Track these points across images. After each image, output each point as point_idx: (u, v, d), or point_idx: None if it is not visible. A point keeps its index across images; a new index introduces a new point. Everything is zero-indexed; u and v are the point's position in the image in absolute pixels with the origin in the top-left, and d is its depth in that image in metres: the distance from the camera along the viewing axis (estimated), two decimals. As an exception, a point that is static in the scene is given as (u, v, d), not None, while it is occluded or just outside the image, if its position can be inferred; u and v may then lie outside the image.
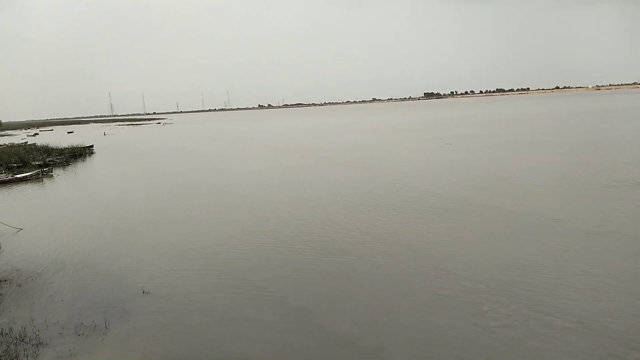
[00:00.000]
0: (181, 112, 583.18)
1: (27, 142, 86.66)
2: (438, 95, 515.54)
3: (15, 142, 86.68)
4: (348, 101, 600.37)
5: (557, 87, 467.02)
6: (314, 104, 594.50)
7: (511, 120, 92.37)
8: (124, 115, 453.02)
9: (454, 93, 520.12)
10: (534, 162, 36.85)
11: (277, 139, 79.71)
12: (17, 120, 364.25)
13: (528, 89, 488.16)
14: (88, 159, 62.12)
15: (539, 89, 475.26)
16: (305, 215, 23.39)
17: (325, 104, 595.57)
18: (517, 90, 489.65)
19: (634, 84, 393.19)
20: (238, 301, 14.18)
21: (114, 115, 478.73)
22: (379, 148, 55.15)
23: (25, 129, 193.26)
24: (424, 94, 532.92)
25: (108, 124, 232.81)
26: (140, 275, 16.69)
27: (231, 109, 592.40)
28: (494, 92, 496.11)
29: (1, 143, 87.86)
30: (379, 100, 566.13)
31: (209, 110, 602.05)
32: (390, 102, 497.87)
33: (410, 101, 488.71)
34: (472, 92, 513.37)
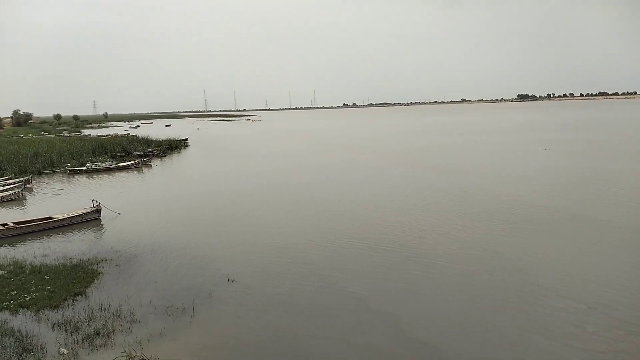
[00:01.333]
0: (269, 109, 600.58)
1: (129, 133, 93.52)
2: (533, 98, 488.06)
3: (119, 133, 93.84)
4: (435, 101, 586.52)
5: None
6: (399, 104, 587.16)
7: (613, 126, 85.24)
8: (217, 111, 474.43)
9: (551, 95, 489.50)
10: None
11: (359, 139, 79.50)
12: (121, 113, 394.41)
13: (635, 92, 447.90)
14: (183, 151, 65.73)
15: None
16: (390, 218, 22.90)
17: (412, 103, 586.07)
18: (623, 94, 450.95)
19: None
20: (319, 297, 14.17)
21: (208, 111, 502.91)
22: (467, 150, 53.22)
23: (128, 122, 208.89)
24: (518, 95, 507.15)
25: (202, 118, 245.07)
26: (226, 263, 17.27)
27: (316, 108, 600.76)
28: (596, 95, 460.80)
29: (106, 134, 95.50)
30: (469, 101, 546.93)
31: (296, 108, 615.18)
32: (481, 104, 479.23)
33: (502, 103, 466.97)
34: (572, 94, 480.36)
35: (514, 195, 27.10)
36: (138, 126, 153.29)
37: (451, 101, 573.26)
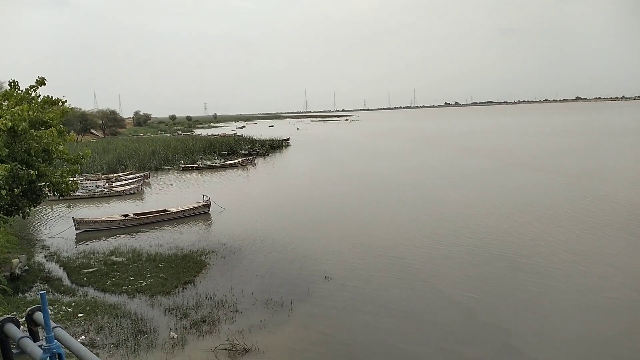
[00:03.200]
0: (368, 109, 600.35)
1: (235, 133, 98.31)
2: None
3: (227, 133, 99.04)
4: (547, 100, 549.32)
5: None
6: (506, 102, 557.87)
7: None
8: (317, 112, 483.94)
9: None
10: None
11: (461, 139, 76.57)
12: (229, 114, 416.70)
13: None
14: (284, 150, 67.79)
15: None
16: (497, 224, 21.56)
17: (519, 102, 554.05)
18: None
19: None
20: (419, 303, 13.75)
21: (308, 112, 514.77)
22: (584, 153, 49.12)
23: (235, 122, 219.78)
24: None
25: (302, 119, 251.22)
26: (324, 261, 17.46)
27: (416, 107, 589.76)
28: None
29: (215, 133, 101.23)
30: (584, 99, 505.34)
31: (395, 107, 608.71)
32: (599, 102, 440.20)
33: (624, 101, 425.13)
34: None
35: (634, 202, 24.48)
36: (244, 126, 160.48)
37: (564, 99, 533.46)
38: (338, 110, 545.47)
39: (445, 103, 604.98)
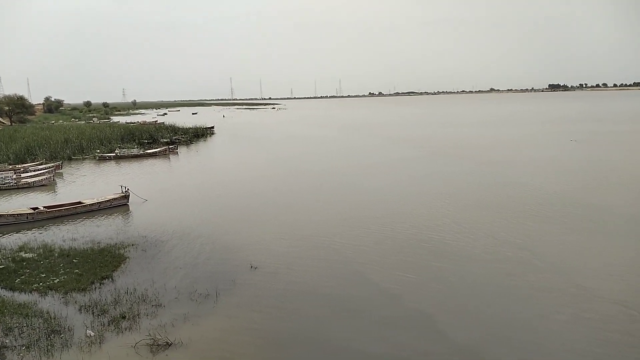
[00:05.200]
0: (295, 98, 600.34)
1: (156, 120, 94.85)
2: (565, 88, 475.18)
3: (147, 121, 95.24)
4: (463, 91, 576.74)
5: None
6: (426, 93, 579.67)
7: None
8: (243, 100, 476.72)
9: (584, 85, 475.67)
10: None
11: (386, 128, 78.82)
12: (149, 101, 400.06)
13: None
14: (209, 139, 66.29)
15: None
16: (422, 212, 22.17)
17: (439, 93, 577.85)
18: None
19: None
20: (347, 290, 13.93)
21: (234, 99, 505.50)
22: (496, 140, 52.26)
23: (156, 109, 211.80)
24: (549, 85, 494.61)
25: (228, 107, 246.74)
26: (250, 251, 17.32)
27: (342, 96, 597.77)
28: (630, 85, 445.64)
29: (135, 121, 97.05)
30: (498, 90, 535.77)
31: (321, 97, 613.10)
32: (510, 93, 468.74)
33: (533, 92, 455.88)
34: (605, 85, 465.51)
35: (557, 191, 26.44)
36: (165, 114, 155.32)
37: (479, 91, 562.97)
38: (265, 99, 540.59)
39: (370, 93, 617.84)
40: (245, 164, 40.58)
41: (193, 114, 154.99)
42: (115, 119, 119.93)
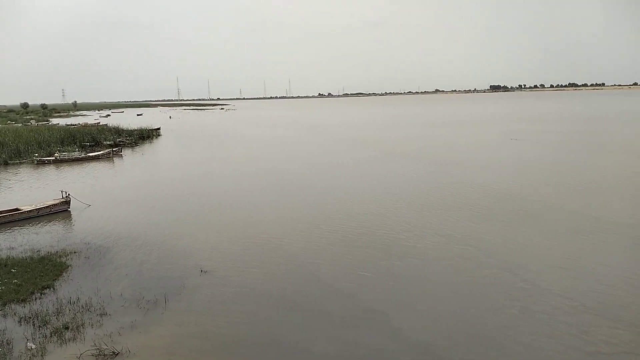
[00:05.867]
0: (244, 98, 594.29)
1: (99, 122, 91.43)
2: (505, 89, 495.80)
3: (89, 123, 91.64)
4: (410, 92, 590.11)
5: (636, 84, 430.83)
6: (374, 94, 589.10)
7: (578, 118, 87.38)
8: (190, 100, 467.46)
9: (522, 86, 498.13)
10: (608, 165, 34.68)
11: (336, 129, 79.54)
12: (91, 102, 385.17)
13: (603, 84, 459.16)
14: (155, 140, 64.60)
15: (615, 85, 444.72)
16: (372, 210, 22.59)
17: (386, 94, 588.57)
18: (592, 85, 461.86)
19: None
20: (299, 291, 14.00)
21: (181, 100, 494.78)
22: (442, 141, 53.85)
23: (98, 110, 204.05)
24: (490, 86, 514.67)
25: (174, 108, 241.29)
26: (199, 255, 17.09)
27: (292, 97, 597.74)
28: (565, 86, 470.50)
29: (76, 123, 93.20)
30: (442, 91, 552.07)
31: (271, 97, 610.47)
32: (454, 94, 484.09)
33: (475, 93, 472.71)
34: (542, 85, 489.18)
35: (490, 185, 27.56)
36: (108, 115, 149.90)
37: (425, 92, 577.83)
38: (213, 99, 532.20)
39: (319, 94, 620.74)
40: (193, 165, 39.85)
41: (138, 115, 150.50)
42: (54, 120, 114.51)
